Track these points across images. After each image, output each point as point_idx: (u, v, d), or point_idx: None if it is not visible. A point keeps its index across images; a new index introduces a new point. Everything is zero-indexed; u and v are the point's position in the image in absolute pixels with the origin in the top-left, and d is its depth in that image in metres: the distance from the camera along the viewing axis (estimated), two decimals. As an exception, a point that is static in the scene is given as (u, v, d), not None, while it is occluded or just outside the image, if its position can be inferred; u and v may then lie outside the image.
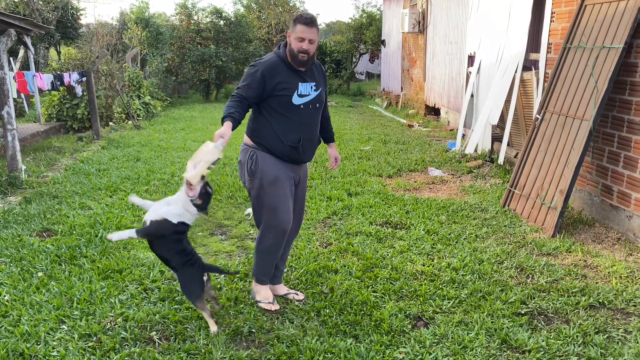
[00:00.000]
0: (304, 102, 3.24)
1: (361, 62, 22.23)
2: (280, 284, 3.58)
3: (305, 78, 3.26)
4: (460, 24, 9.75)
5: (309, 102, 3.26)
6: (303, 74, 3.25)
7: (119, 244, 4.48)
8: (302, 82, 3.24)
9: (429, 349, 2.93)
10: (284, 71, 3.20)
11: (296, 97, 3.21)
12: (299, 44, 3.13)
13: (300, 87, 3.23)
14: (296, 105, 3.22)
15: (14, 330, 3.11)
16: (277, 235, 3.32)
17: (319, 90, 3.31)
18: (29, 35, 9.93)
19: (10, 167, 6.62)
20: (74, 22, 20.34)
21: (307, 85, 3.25)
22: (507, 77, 6.73)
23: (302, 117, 3.26)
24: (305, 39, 3.11)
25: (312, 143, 3.38)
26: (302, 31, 3.11)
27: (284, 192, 3.26)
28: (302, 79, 3.24)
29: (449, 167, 7.26)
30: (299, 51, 3.13)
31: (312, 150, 3.41)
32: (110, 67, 12.10)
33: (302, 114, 3.25)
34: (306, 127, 3.29)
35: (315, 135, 3.40)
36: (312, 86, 3.28)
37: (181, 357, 2.87)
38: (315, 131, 3.40)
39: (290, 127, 3.23)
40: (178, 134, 10.60)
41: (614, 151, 4.70)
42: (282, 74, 3.19)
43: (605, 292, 3.53)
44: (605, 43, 4.65)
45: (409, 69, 14.04)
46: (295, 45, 3.14)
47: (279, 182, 3.24)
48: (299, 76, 3.23)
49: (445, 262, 4.05)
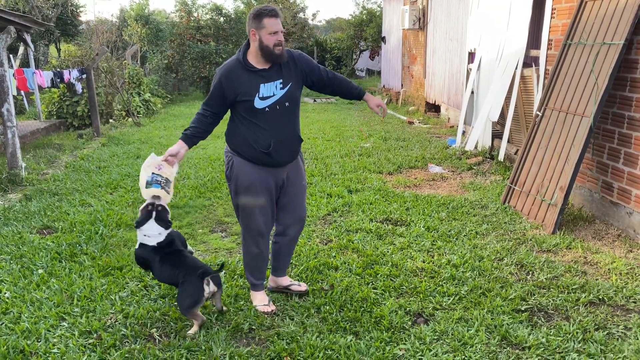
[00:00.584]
0: (269, 105, 3.07)
1: (361, 59, 22.23)
2: (284, 277, 3.56)
3: (269, 77, 3.08)
4: (461, 20, 9.73)
5: (276, 103, 3.09)
6: (266, 74, 3.07)
7: (119, 242, 4.49)
8: (265, 82, 3.07)
9: (429, 346, 2.93)
10: (243, 75, 3.07)
11: (258, 100, 3.06)
12: (273, 37, 3.00)
13: (262, 89, 3.06)
14: (260, 109, 3.07)
15: (15, 328, 3.12)
16: (253, 238, 3.31)
17: (287, 87, 3.11)
18: (28, 33, 9.92)
19: (10, 165, 6.62)
20: (74, 19, 20.32)
21: (271, 85, 3.08)
22: (507, 74, 6.71)
23: (270, 120, 3.10)
24: (278, 31, 3.00)
25: (287, 145, 3.19)
26: (272, 24, 2.99)
27: (258, 197, 3.20)
28: (265, 79, 3.07)
29: (449, 164, 7.26)
30: (275, 45, 3.00)
31: (289, 152, 3.22)
32: (110, 64, 12.09)
33: (269, 117, 3.09)
34: (277, 129, 3.12)
35: (291, 136, 3.19)
36: (277, 84, 3.09)
37: (181, 354, 2.87)
38: (291, 131, 3.19)
39: (258, 133, 3.11)
40: (178, 131, 10.60)
41: (614, 148, 4.69)
42: (241, 78, 3.06)
43: (605, 288, 3.53)
44: (606, 39, 4.64)
45: (409, 66, 14.02)
46: (270, 40, 3.00)
47: (253, 188, 3.18)
48: (261, 77, 3.07)
49: (445, 258, 4.05)
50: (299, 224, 3.45)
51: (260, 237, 3.32)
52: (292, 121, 3.21)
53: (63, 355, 2.86)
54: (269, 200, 3.25)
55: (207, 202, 5.65)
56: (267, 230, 3.33)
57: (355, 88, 3.42)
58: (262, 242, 3.34)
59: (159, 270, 3.21)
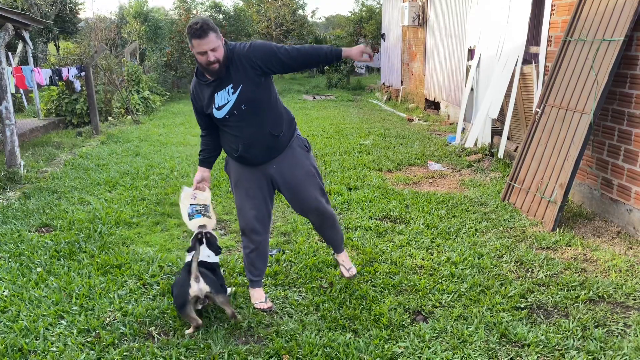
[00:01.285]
0: (227, 112, 3.06)
1: (361, 56, 22.16)
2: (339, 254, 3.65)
3: (219, 86, 3.03)
4: (460, 17, 9.71)
5: (232, 109, 3.04)
6: (216, 83, 3.03)
7: (117, 240, 4.48)
8: (217, 92, 3.04)
9: (428, 343, 2.93)
10: (201, 90, 3.11)
11: (215, 111, 3.07)
12: (202, 57, 2.91)
13: (216, 99, 3.05)
14: (221, 118, 3.09)
15: (13, 326, 3.11)
16: (247, 233, 3.35)
17: (237, 91, 3.01)
18: (27, 30, 9.90)
19: (9, 163, 6.61)
20: (73, 16, 20.28)
21: (223, 92, 3.03)
22: (507, 71, 6.70)
23: (233, 126, 3.10)
24: (206, 51, 2.88)
25: (259, 145, 3.14)
26: (198, 45, 2.88)
27: (247, 192, 3.27)
28: (216, 88, 3.04)
29: (449, 161, 7.25)
30: (207, 64, 2.92)
31: (263, 152, 3.17)
32: (109, 62, 12.08)
33: (231, 124, 3.10)
34: (241, 134, 3.10)
35: (259, 137, 3.11)
36: (229, 90, 3.02)
37: (180, 352, 2.87)
38: (259, 132, 3.10)
39: (228, 138, 3.18)
40: (177, 128, 10.59)
41: (614, 144, 4.68)
42: (201, 92, 3.11)
43: (605, 285, 3.53)
44: (606, 36, 4.62)
45: (409, 63, 14.00)
46: (200, 59, 2.93)
47: (241, 184, 3.29)
48: (212, 88, 3.04)
49: (444, 256, 4.05)
50: (315, 214, 3.36)
51: (253, 233, 3.33)
52: (257, 122, 3.10)
53: (62, 354, 2.86)
54: (259, 195, 3.28)
55: (219, 199, 5.63)
56: (261, 226, 3.33)
57: (328, 52, 3.02)
58: (256, 237, 3.34)
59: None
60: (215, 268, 3.30)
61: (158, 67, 16.59)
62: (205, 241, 3.35)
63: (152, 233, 4.74)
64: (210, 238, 3.40)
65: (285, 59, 3.02)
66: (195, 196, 3.40)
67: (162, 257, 4.10)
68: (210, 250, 3.35)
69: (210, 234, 3.41)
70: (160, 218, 5.09)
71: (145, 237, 4.63)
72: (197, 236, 3.37)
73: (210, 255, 3.33)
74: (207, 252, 3.33)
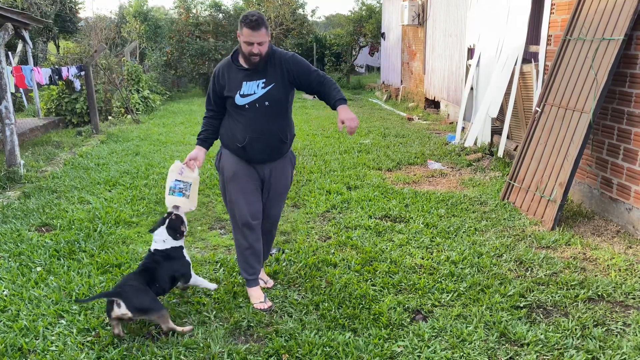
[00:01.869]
0: (249, 102, 3.15)
1: (361, 55, 22.18)
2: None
3: (253, 76, 3.16)
4: (460, 16, 9.70)
5: (255, 101, 3.16)
6: (250, 72, 3.16)
7: (117, 239, 4.48)
8: (247, 80, 3.16)
9: (427, 342, 2.93)
10: (230, 72, 3.20)
11: (238, 97, 3.16)
12: (248, 47, 3.06)
13: (244, 86, 3.16)
14: (240, 106, 3.17)
15: (13, 325, 3.11)
16: (240, 229, 3.37)
17: (268, 87, 3.16)
18: (27, 29, 9.88)
19: (8, 162, 6.61)
20: (73, 15, 20.26)
21: (253, 83, 3.16)
22: (506, 70, 6.70)
23: (249, 117, 3.18)
24: (253, 43, 3.03)
25: (263, 143, 3.22)
26: (248, 35, 3.03)
27: (243, 186, 3.29)
28: (249, 77, 3.16)
29: (449, 160, 7.25)
30: (250, 54, 3.07)
31: (266, 150, 3.25)
32: (109, 61, 12.07)
33: (247, 114, 3.18)
34: (253, 126, 3.18)
35: (268, 134, 3.21)
36: (259, 84, 3.16)
37: (179, 352, 2.87)
38: (269, 130, 3.21)
39: (237, 127, 3.22)
40: (177, 127, 10.59)
41: (613, 144, 4.68)
42: (229, 75, 3.20)
43: (604, 284, 3.53)
44: (605, 35, 4.62)
45: (409, 62, 14.00)
46: (245, 48, 3.08)
47: (237, 178, 3.30)
48: (245, 75, 3.17)
49: (444, 255, 4.05)
50: (272, 222, 3.56)
51: (247, 229, 3.35)
52: (273, 120, 3.22)
53: (61, 353, 2.86)
54: (253, 190, 3.32)
55: (205, 199, 5.64)
56: (254, 221, 3.36)
57: (334, 97, 3.15)
58: (250, 234, 3.36)
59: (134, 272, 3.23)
60: (171, 255, 3.23)
61: (158, 66, 16.59)
62: (167, 222, 3.27)
63: (152, 232, 4.74)
64: (173, 220, 3.29)
65: (313, 82, 3.25)
66: (183, 172, 3.36)
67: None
68: (168, 233, 3.25)
69: (176, 216, 3.31)
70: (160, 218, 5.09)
71: (145, 236, 4.63)
72: (164, 216, 3.33)
73: (167, 239, 3.25)
74: (164, 236, 3.25)
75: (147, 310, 2.94)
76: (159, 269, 3.18)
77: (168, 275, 3.20)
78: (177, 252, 3.29)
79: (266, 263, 3.96)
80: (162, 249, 3.24)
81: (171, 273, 3.22)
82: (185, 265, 3.30)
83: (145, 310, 2.93)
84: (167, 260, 3.22)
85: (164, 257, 3.23)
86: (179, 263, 3.27)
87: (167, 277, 3.19)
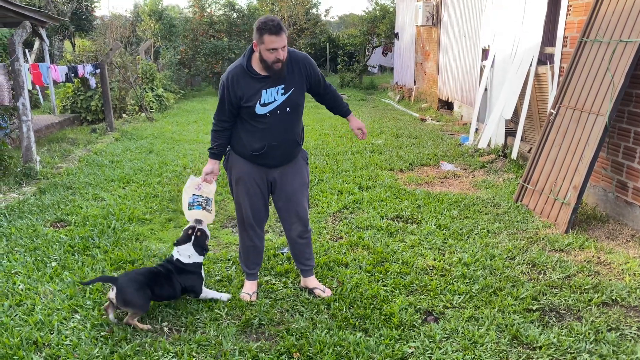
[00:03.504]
0: (270, 110, 3.11)
1: (374, 55, 22.15)
2: (308, 278, 3.57)
3: (271, 83, 3.09)
4: (475, 17, 9.65)
5: (276, 109, 3.12)
6: (268, 80, 3.09)
7: (130, 236, 4.52)
8: (266, 89, 3.09)
9: (438, 344, 2.92)
10: (246, 81, 3.09)
11: (259, 107, 3.09)
12: (272, 54, 2.96)
13: (264, 95, 3.09)
14: (261, 115, 3.12)
15: (28, 319, 3.16)
16: (245, 229, 3.41)
17: (289, 93, 3.12)
18: (44, 27, 10.00)
19: (25, 158, 6.69)
20: (89, 14, 20.47)
21: (273, 90, 3.10)
22: (521, 71, 6.65)
23: (269, 125, 3.14)
24: (277, 48, 2.95)
25: (282, 149, 3.22)
26: (272, 42, 2.93)
27: (248, 190, 3.30)
28: (267, 85, 3.09)
29: (462, 161, 7.21)
30: (273, 62, 2.99)
31: (283, 156, 3.25)
32: (124, 60, 12.18)
33: (269, 122, 3.13)
34: (273, 134, 3.15)
35: (287, 140, 3.21)
36: (279, 90, 3.10)
37: (192, 348, 2.89)
38: (288, 136, 3.21)
39: (255, 135, 3.17)
40: (190, 126, 10.65)
41: (629, 147, 4.63)
42: (244, 84, 3.09)
43: (619, 289, 3.49)
44: (623, 37, 4.57)
45: (422, 63, 13.94)
46: (268, 57, 2.98)
47: (242, 182, 3.30)
48: (263, 83, 3.09)
49: (456, 257, 4.03)
50: (299, 223, 3.42)
51: (251, 229, 3.40)
52: (291, 126, 3.21)
53: (75, 347, 2.89)
54: (258, 194, 3.32)
55: (218, 197, 5.67)
56: (258, 223, 3.40)
57: (343, 106, 3.48)
58: (254, 234, 3.42)
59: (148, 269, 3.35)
60: (188, 269, 3.29)
61: (172, 65, 16.70)
62: (193, 239, 3.34)
63: (165, 229, 4.78)
64: (200, 236, 3.36)
65: (321, 85, 3.32)
66: (201, 187, 3.40)
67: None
68: (194, 249, 3.33)
69: (201, 232, 3.37)
70: (173, 215, 5.13)
71: (158, 233, 4.67)
72: (188, 231, 3.36)
73: (192, 255, 3.32)
74: (190, 252, 3.32)
75: (130, 305, 3.06)
76: (174, 278, 3.26)
77: (181, 286, 3.29)
78: (197, 267, 3.35)
79: (277, 262, 3.98)
80: (184, 262, 3.32)
81: (184, 285, 3.30)
82: (198, 282, 3.35)
83: (129, 304, 3.05)
84: (185, 273, 3.30)
85: (183, 270, 3.30)
86: (193, 278, 3.33)
87: (180, 287, 3.28)
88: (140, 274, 3.19)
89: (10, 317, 3.19)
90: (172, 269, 3.28)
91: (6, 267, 3.85)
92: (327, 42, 23.56)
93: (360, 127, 3.46)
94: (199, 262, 3.37)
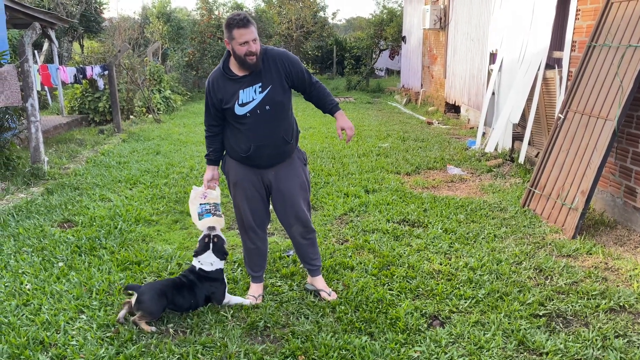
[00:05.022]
0: (249, 110, 3.11)
1: (381, 58, 22.14)
2: (315, 277, 3.56)
3: (248, 82, 3.11)
4: (483, 20, 9.63)
5: (256, 107, 3.11)
6: (245, 79, 3.10)
7: (137, 237, 4.54)
8: (244, 88, 3.10)
9: (444, 349, 2.91)
10: (224, 84, 3.13)
11: (237, 107, 3.11)
12: (244, 47, 2.99)
13: (241, 95, 3.10)
14: (241, 115, 3.12)
15: (35, 319, 3.17)
16: (246, 232, 3.43)
17: (266, 90, 3.11)
18: (53, 29, 10.08)
19: (33, 159, 6.74)
20: (97, 16, 20.59)
21: (250, 90, 3.10)
22: (529, 75, 6.63)
23: (251, 125, 3.14)
24: (248, 41, 2.98)
25: (269, 148, 3.19)
26: (241, 35, 2.97)
27: (245, 193, 3.31)
28: (244, 85, 3.10)
29: (469, 165, 7.19)
30: (246, 55, 3.01)
31: (272, 155, 3.23)
32: (132, 61, 12.24)
33: (250, 122, 3.13)
34: (257, 133, 3.15)
35: (273, 139, 3.18)
36: (256, 88, 3.10)
37: (197, 350, 2.89)
38: (274, 134, 3.18)
39: (240, 137, 3.19)
40: (197, 128, 10.68)
41: (638, 152, 4.60)
42: (223, 86, 3.14)
43: (627, 295, 3.47)
44: (632, 41, 4.54)
45: (430, 66, 13.93)
46: (241, 50, 3.00)
47: (239, 185, 3.32)
48: (240, 83, 3.11)
49: (462, 261, 4.02)
50: (298, 223, 3.39)
51: (252, 232, 3.40)
52: (275, 124, 3.18)
53: (81, 348, 2.90)
54: (257, 196, 3.33)
55: (224, 199, 5.68)
56: (259, 225, 3.41)
57: (331, 102, 3.37)
58: (255, 236, 3.42)
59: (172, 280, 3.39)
60: (212, 277, 3.31)
61: (180, 67, 16.77)
62: (212, 245, 3.35)
63: (172, 231, 4.79)
64: (217, 242, 3.37)
65: (306, 80, 3.25)
66: (206, 195, 3.43)
67: (180, 255, 4.15)
68: (215, 256, 3.34)
69: (218, 237, 3.38)
70: (180, 216, 5.15)
71: (165, 234, 4.68)
72: (205, 239, 3.37)
73: (215, 262, 3.33)
74: (212, 259, 3.33)
75: (143, 309, 3.12)
76: (196, 289, 3.28)
77: (205, 294, 3.31)
78: (219, 274, 3.37)
79: (282, 264, 3.98)
80: (207, 270, 3.33)
81: (208, 293, 3.32)
82: (222, 288, 3.37)
83: (142, 307, 3.12)
84: (209, 281, 3.32)
85: (207, 278, 3.31)
86: (217, 284, 3.34)
87: (203, 296, 3.30)
88: (162, 284, 3.25)
89: (17, 316, 3.21)
90: (195, 279, 3.29)
91: (14, 267, 3.88)
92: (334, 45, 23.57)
93: (345, 127, 3.35)
94: (221, 268, 3.38)
